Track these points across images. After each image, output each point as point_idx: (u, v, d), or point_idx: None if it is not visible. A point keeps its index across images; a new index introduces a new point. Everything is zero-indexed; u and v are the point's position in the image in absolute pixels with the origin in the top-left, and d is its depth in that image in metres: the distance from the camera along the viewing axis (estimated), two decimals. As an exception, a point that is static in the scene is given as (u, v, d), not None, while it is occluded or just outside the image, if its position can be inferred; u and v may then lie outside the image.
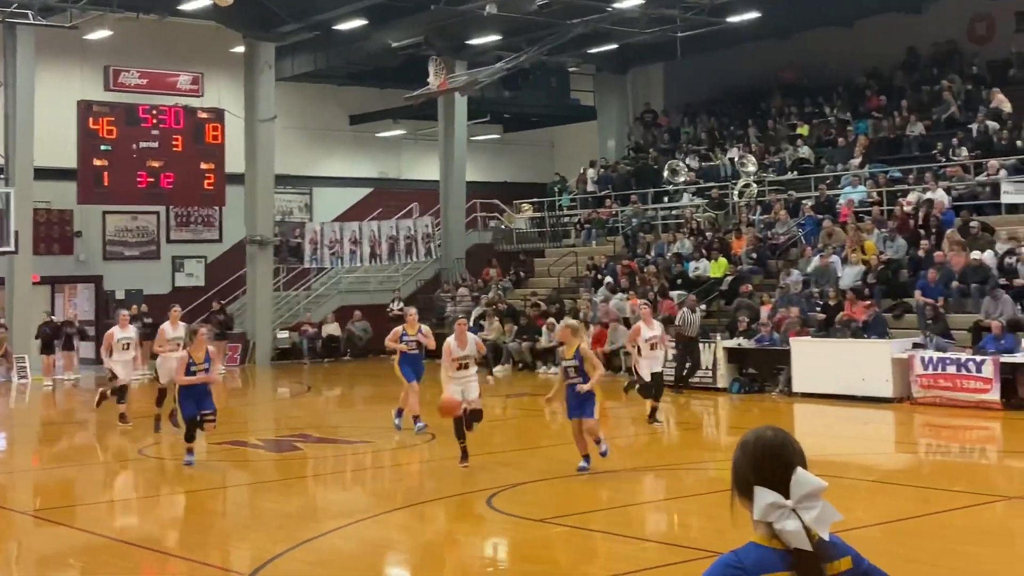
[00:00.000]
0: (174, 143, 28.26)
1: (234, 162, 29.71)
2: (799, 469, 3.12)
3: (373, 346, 32.27)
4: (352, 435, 17.04)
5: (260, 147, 30.63)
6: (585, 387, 11.97)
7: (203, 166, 28.66)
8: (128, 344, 17.97)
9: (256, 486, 13.33)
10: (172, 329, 17.42)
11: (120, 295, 32.14)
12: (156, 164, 27.98)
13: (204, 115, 29.00)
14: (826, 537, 3.08)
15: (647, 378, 16.46)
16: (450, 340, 13.62)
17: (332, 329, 31.63)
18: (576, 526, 10.10)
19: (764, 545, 3.09)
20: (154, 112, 28.19)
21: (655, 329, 16.86)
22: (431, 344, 16.41)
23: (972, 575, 8.48)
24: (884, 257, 23.05)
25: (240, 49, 31.02)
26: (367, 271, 34.43)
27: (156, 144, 28.01)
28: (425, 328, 16.77)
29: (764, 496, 3.09)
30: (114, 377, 17.81)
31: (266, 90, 30.69)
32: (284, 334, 31.45)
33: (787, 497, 3.07)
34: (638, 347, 16.59)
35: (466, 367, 13.64)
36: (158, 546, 10.11)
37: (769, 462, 3.14)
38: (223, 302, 30.69)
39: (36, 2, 25.35)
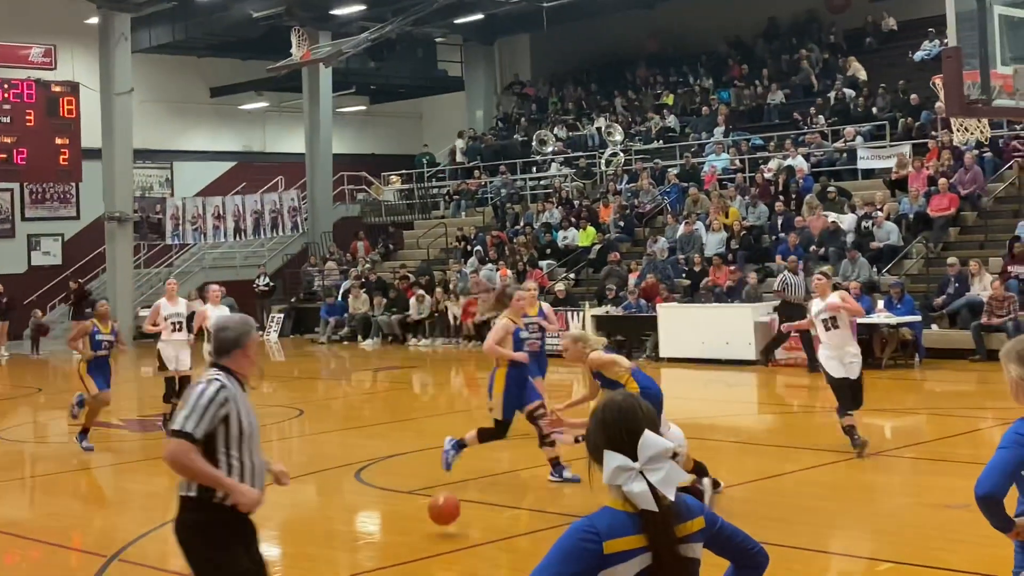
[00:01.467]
0: (27, 118, 27.29)
1: (91, 137, 28.80)
2: (647, 432, 3.13)
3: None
4: (219, 413, 16.68)
5: (117, 121, 29.72)
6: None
7: (58, 141, 27.73)
8: (179, 323, 14.64)
9: (120, 467, 13.00)
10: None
11: (-27, 275, 31.02)
12: (8, 140, 27.01)
13: (58, 88, 28.04)
14: (672, 498, 3.10)
15: (833, 373, 11.24)
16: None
17: (196, 306, 30.92)
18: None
19: (617, 509, 3.11)
20: (5, 86, 27.16)
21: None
22: (554, 327, 13.62)
23: (832, 529, 8.72)
24: (747, 223, 23.54)
25: (94, 20, 30.00)
26: (231, 247, 33.80)
27: (8, 119, 27.03)
28: (547, 307, 12.90)
29: (612, 459, 3.11)
30: (163, 366, 14.52)
31: (122, 62, 29.77)
32: (146, 312, 30.64)
33: (635, 460, 3.09)
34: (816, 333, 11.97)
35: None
36: (17, 530, 9.78)
37: (617, 426, 3.17)
38: (81, 280, 29.79)
39: None
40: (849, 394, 11.18)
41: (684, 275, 22.66)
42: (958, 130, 15.63)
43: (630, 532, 3.07)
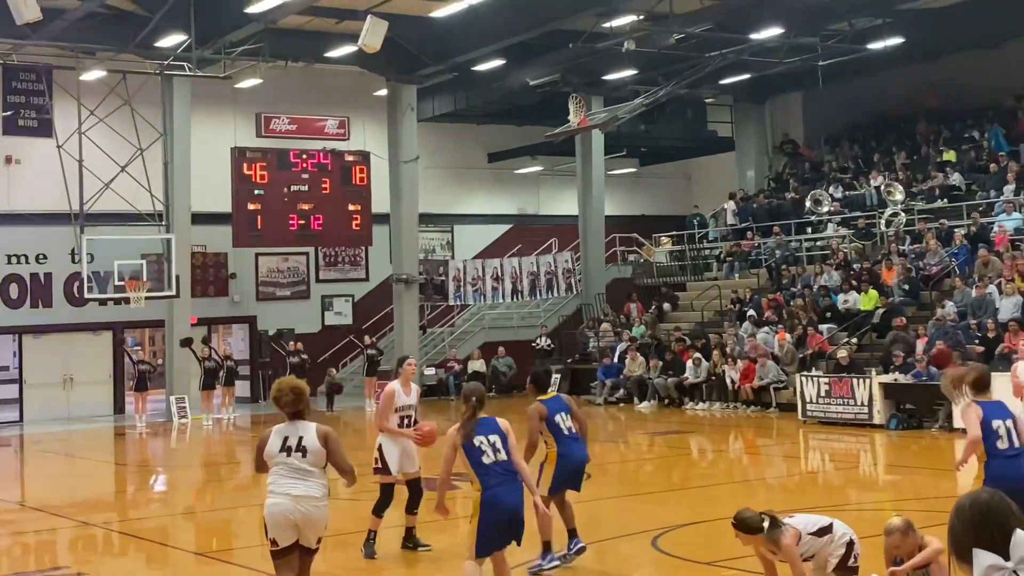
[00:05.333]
0: (323, 186, 28.96)
1: (379, 202, 30.35)
2: (1018, 531, 3.13)
3: (516, 382, 32.48)
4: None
5: (404, 187, 31.25)
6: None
7: (350, 207, 29.30)
8: (411, 417, 11.49)
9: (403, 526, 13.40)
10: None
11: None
12: (306, 207, 28.70)
13: (351, 158, 29.68)
14: None
15: None
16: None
17: (477, 365, 31.94)
18: (744, 569, 10.02)
19: None
20: (303, 156, 28.95)
21: None
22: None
23: None
24: (1044, 286, 22.38)
25: (383, 92, 31.74)
26: (509, 307, 34.75)
27: (306, 187, 28.72)
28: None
29: (983, 559, 3.11)
30: (384, 468, 11.42)
31: (409, 131, 31.33)
32: (431, 371, 31.86)
33: (1007, 559, 3.09)
34: None
35: None
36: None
37: (986, 525, 3.17)
38: (374, 338, 31.24)
39: (192, 54, 26.38)
40: None
41: (977, 341, 21.72)
42: None
43: None
